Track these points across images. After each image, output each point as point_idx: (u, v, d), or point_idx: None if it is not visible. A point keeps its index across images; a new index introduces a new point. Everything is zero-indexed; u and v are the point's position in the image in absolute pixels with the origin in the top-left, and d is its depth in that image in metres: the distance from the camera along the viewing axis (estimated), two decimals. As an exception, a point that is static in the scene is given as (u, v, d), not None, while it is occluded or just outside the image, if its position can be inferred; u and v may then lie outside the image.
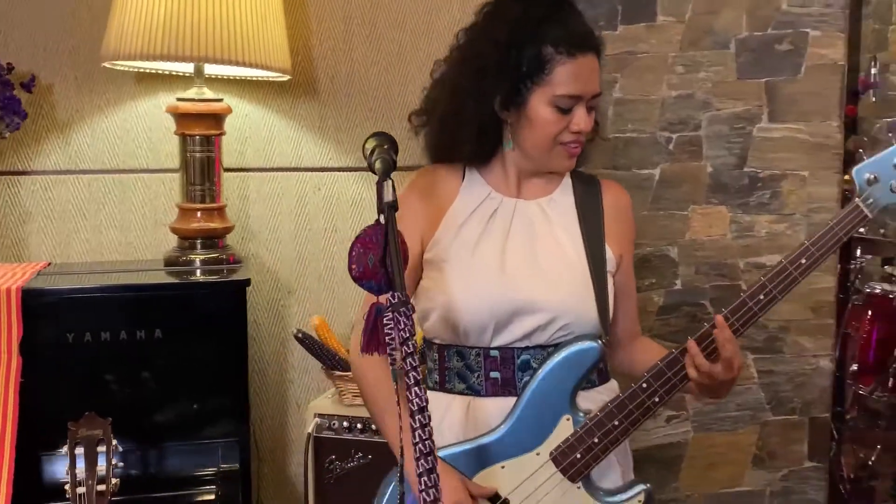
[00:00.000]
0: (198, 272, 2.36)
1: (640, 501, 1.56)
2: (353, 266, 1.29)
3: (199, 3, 2.15)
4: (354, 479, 2.20)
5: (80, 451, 1.84)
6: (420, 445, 1.11)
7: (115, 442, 1.85)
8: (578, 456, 1.52)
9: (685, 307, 3.05)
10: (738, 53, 3.01)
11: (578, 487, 1.53)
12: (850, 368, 3.87)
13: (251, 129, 2.65)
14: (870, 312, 3.96)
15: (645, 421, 1.56)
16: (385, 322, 1.18)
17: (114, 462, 1.84)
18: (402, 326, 1.16)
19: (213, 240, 2.40)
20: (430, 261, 1.63)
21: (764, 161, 3.06)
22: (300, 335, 2.34)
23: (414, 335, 1.17)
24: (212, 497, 2.11)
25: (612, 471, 1.64)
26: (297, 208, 2.73)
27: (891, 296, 3.87)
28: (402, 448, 1.24)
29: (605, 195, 1.71)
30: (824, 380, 3.21)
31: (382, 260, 1.27)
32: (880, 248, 4.16)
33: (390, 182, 1.27)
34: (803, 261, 1.52)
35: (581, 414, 1.55)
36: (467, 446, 1.56)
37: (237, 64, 2.22)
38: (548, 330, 1.57)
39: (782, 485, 3.22)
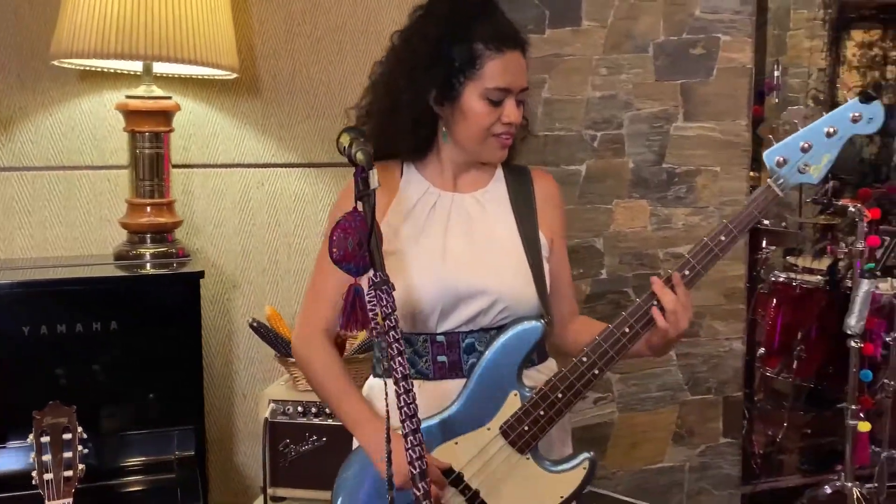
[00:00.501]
0: (148, 266, 2.40)
1: (584, 469, 1.66)
2: (335, 250, 1.38)
3: (151, 3, 2.20)
4: (310, 461, 2.28)
5: (45, 439, 1.89)
6: (405, 409, 1.22)
7: (80, 429, 1.91)
8: (526, 428, 1.61)
9: (610, 295, 3.24)
10: (656, 57, 3.21)
11: (527, 458, 1.63)
12: (758, 352, 4.14)
13: (195, 127, 2.70)
14: (774, 300, 4.25)
15: (586, 392, 1.68)
16: (368, 299, 1.27)
17: (80, 449, 1.89)
18: (385, 303, 1.27)
19: (162, 234, 2.45)
20: None
21: (680, 158, 3.28)
22: (255, 324, 2.41)
23: (395, 311, 1.28)
24: (170, 484, 2.16)
25: (556, 443, 1.76)
26: (240, 204, 2.79)
27: (794, 283, 4.17)
28: (388, 413, 1.32)
29: (535, 184, 1.81)
30: (737, 361, 3.45)
31: (360, 244, 1.37)
32: (783, 238, 4.46)
33: (374, 171, 1.34)
34: (723, 238, 1.61)
35: (527, 389, 1.65)
36: (422, 425, 1.67)
37: (189, 62, 2.27)
38: (490, 313, 1.66)
39: (700, 460, 3.45)
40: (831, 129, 1.59)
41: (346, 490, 1.65)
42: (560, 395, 1.60)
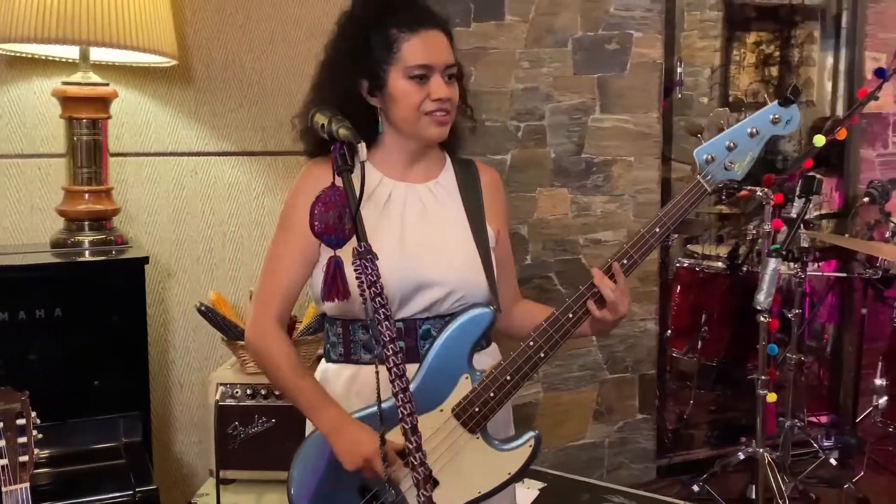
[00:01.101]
0: (87, 253, 2.38)
1: (530, 446, 1.72)
2: (316, 223, 1.43)
3: (90, -12, 2.19)
4: (259, 443, 2.32)
5: (-1, 424, 1.87)
6: (395, 369, 1.29)
7: (33, 414, 1.89)
8: (477, 409, 1.68)
9: (535, 280, 3.38)
10: (575, 51, 3.37)
11: (477, 438, 1.69)
12: (665, 334, 4.36)
13: (128, 115, 2.68)
14: (679, 285, 4.50)
15: (533, 375, 1.75)
16: (354, 268, 1.34)
17: (34, 434, 1.88)
18: (370, 271, 1.34)
19: (100, 222, 2.43)
20: None
21: (598, 148, 3.44)
22: (203, 308, 2.42)
23: (380, 278, 1.34)
24: (120, 469, 2.15)
25: (501, 424, 1.84)
26: (174, 192, 2.79)
27: (697, 269, 4.42)
28: (378, 387, 1.38)
29: (481, 177, 1.87)
30: (651, 341, 3.64)
31: (340, 217, 1.43)
32: (687, 227, 4.69)
33: (363, 144, 1.39)
34: (657, 230, 1.70)
35: (478, 373, 1.72)
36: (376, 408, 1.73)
37: (131, 48, 2.27)
38: (446, 302, 1.73)
39: (618, 436, 3.63)
40: (754, 130, 1.70)
41: (302, 476, 1.69)
42: (509, 378, 1.68)
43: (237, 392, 2.32)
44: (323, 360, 1.85)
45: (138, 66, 2.60)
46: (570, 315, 1.68)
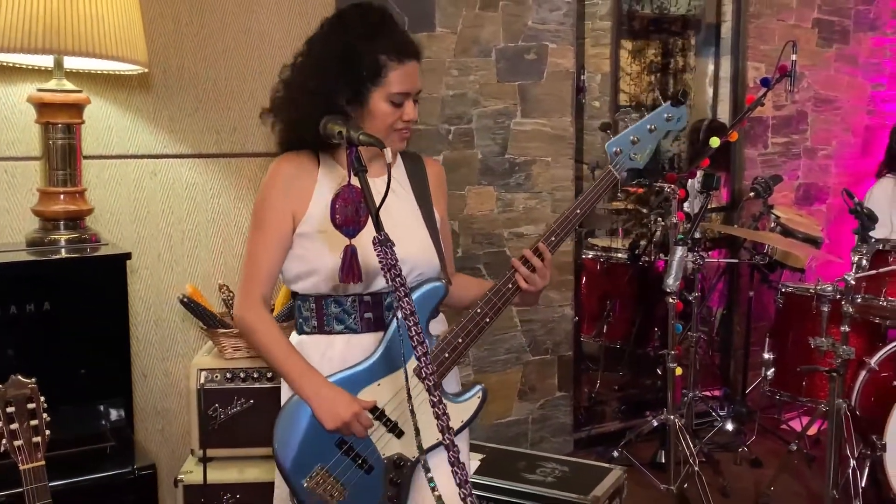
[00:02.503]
0: (63, 251, 2.50)
1: (479, 397, 2.03)
2: (337, 216, 1.67)
3: (65, 1, 2.33)
4: (238, 422, 2.51)
5: (11, 409, 2.01)
6: (416, 337, 1.54)
7: (42, 399, 2.04)
8: (434, 368, 1.94)
9: (465, 271, 3.65)
10: (498, 60, 3.67)
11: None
12: (574, 320, 4.72)
13: (90, 120, 2.79)
14: (585, 276, 4.87)
15: (480, 337, 2.00)
16: (377, 253, 1.58)
17: (44, 417, 2.03)
18: (390, 256, 1.58)
19: (75, 221, 2.56)
20: (305, 233, 1.95)
21: (519, 149, 3.76)
22: (185, 300, 2.58)
23: (398, 262, 1.59)
24: (112, 450, 2.31)
25: (452, 381, 2.11)
26: (135, 193, 2.93)
27: (600, 259, 4.80)
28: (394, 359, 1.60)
29: (428, 170, 2.14)
30: (567, 325, 3.99)
31: (356, 211, 1.67)
32: (588, 221, 5.08)
33: (388, 149, 1.62)
34: (578, 211, 2.00)
35: (434, 337, 1.99)
36: (350, 372, 1.95)
37: (106, 58, 2.42)
38: (408, 277, 1.96)
39: (540, 412, 3.96)
40: (652, 127, 2.04)
41: (285, 435, 1.90)
42: (461, 341, 1.96)
43: (217, 376, 2.50)
44: (294, 333, 2.06)
45: (104, 73, 2.73)
46: (510, 285, 1.97)
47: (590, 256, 4.89)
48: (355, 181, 1.68)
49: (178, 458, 2.87)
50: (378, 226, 1.62)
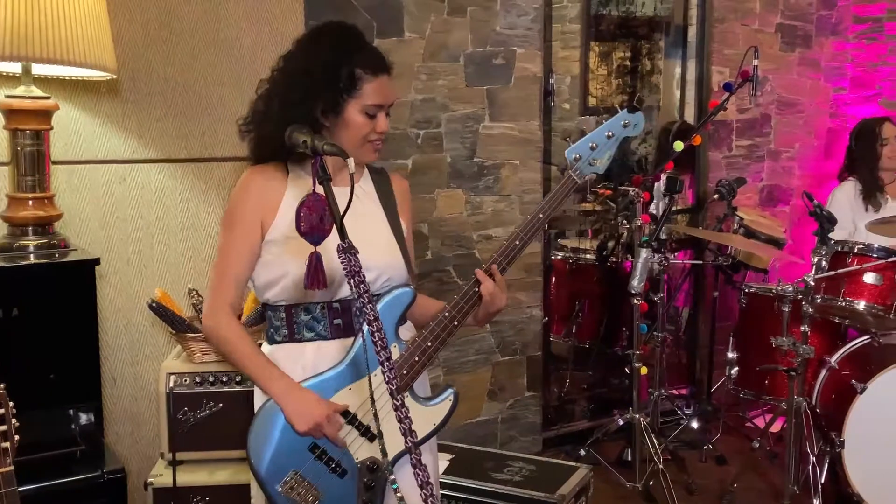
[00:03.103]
0: (31, 257, 2.51)
1: (450, 401, 2.06)
2: (303, 224, 1.71)
3: (33, 7, 2.35)
4: (207, 426, 2.54)
5: (-20, 415, 2.02)
6: (379, 342, 1.58)
7: (11, 403, 2.05)
8: (405, 372, 1.98)
9: (435, 273, 3.71)
10: (466, 65, 3.72)
11: (406, 396, 2.00)
12: (544, 320, 4.78)
13: (59, 125, 2.79)
14: (554, 277, 4.93)
15: (448, 340, 2.04)
16: (340, 260, 1.62)
17: (14, 422, 2.04)
18: (354, 263, 1.62)
19: (44, 227, 2.57)
20: (274, 240, 1.98)
21: (488, 153, 3.81)
22: (154, 304, 2.60)
23: (361, 269, 1.63)
24: (81, 454, 2.33)
25: (422, 384, 2.15)
26: (104, 198, 2.94)
27: (569, 260, 4.86)
28: (366, 363, 1.65)
29: (393, 183, 2.20)
30: (536, 326, 4.05)
31: (321, 219, 1.71)
32: (558, 223, 5.14)
33: (351, 159, 1.67)
34: (541, 215, 2.06)
35: (404, 342, 2.03)
36: (321, 377, 1.98)
37: (74, 65, 2.44)
38: (376, 283, 2.02)
39: (510, 412, 4.02)
40: (610, 133, 2.09)
41: (258, 442, 1.93)
42: (430, 344, 2.00)
43: (186, 380, 2.53)
44: (265, 343, 2.09)
45: (72, 79, 2.75)
46: (476, 289, 2.02)
47: (559, 257, 4.95)
48: (320, 189, 1.72)
49: (149, 461, 2.89)
50: (342, 233, 1.66)
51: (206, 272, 3.03)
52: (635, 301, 3.51)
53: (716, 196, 4.16)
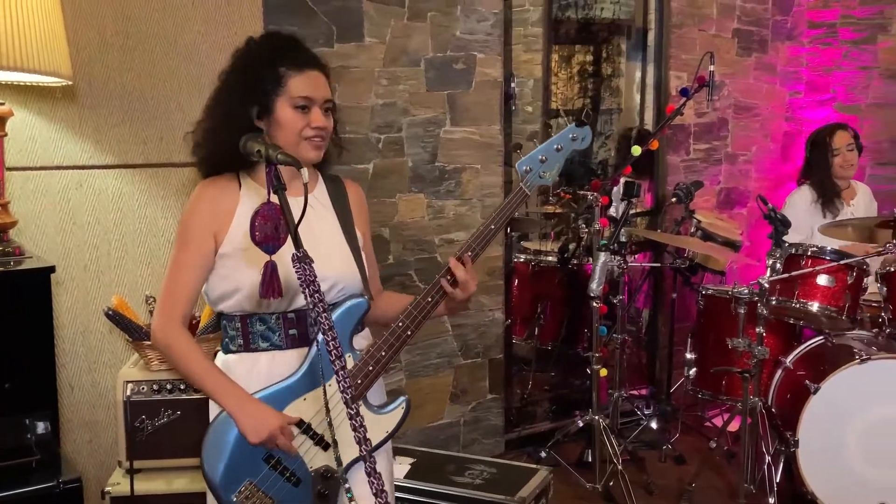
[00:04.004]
0: (-10, 263, 2.49)
1: (402, 408, 2.08)
2: (257, 233, 1.72)
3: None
4: (165, 434, 2.52)
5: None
6: (334, 351, 1.60)
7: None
8: (360, 381, 2.00)
9: (397, 277, 3.72)
10: (427, 70, 3.74)
11: (360, 405, 2.02)
12: (507, 323, 4.81)
13: (13, 131, 2.77)
14: (517, 279, 4.97)
15: (402, 349, 2.08)
16: (295, 269, 1.63)
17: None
18: (308, 272, 1.63)
19: (-1, 234, 2.55)
20: (228, 254, 1.99)
21: (449, 157, 3.84)
22: (110, 312, 2.59)
23: (316, 278, 1.64)
24: (36, 464, 2.31)
25: (377, 392, 2.17)
26: (60, 204, 2.91)
27: (531, 263, 4.90)
28: (321, 371, 1.66)
29: (348, 191, 2.22)
30: (498, 329, 4.08)
31: (276, 228, 1.72)
32: (522, 225, 5.19)
33: (304, 169, 1.68)
34: (492, 227, 2.09)
35: (358, 352, 2.05)
36: (275, 388, 1.99)
37: (29, 71, 2.42)
38: (330, 293, 2.04)
39: (472, 415, 4.04)
40: (559, 146, 2.13)
41: (212, 453, 1.94)
42: (384, 353, 2.02)
43: (143, 388, 2.52)
44: (220, 353, 2.10)
45: (27, 84, 2.72)
46: (430, 298, 2.04)
47: (522, 260, 4.99)
48: (274, 199, 1.73)
49: (107, 469, 2.87)
50: (297, 242, 1.67)
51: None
52: (594, 304, 3.55)
53: (674, 199, 4.21)
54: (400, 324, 2.02)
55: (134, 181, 3.05)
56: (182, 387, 2.55)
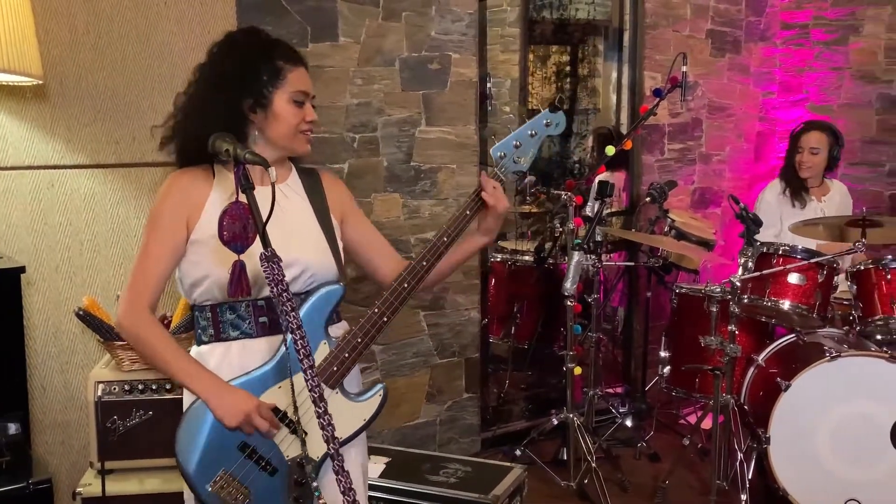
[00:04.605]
0: (-46, 265, 2.48)
1: (380, 395, 2.09)
2: (225, 233, 1.72)
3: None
4: (137, 434, 2.52)
5: None
6: (302, 350, 1.60)
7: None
8: (335, 368, 2.00)
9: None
10: (402, 70, 3.74)
11: (336, 392, 2.03)
12: (483, 322, 4.82)
13: (-17, 130, 2.78)
14: (493, 278, 4.98)
15: (378, 336, 2.07)
16: (263, 268, 1.63)
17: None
18: (277, 271, 1.64)
19: (-34, 234, 2.54)
20: (199, 241, 1.99)
21: (424, 157, 3.84)
22: (81, 312, 2.57)
23: (284, 276, 1.65)
24: (2, 465, 2.30)
25: (353, 380, 2.16)
26: (31, 204, 2.89)
27: (508, 262, 4.92)
28: (289, 365, 1.66)
29: (323, 180, 2.22)
30: (474, 328, 4.09)
31: (244, 227, 1.72)
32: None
33: (272, 168, 1.68)
34: (468, 212, 2.12)
35: (334, 339, 2.05)
36: (248, 376, 1.99)
37: (6, 71, 2.41)
38: (300, 280, 2.03)
39: (448, 414, 4.05)
40: (532, 132, 2.15)
41: (187, 442, 1.94)
42: (360, 340, 2.03)
43: (115, 388, 2.51)
44: (194, 346, 2.09)
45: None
46: (405, 285, 2.05)
47: (498, 259, 5.00)
48: (243, 198, 1.73)
49: (80, 470, 2.85)
50: (265, 242, 1.67)
51: (138, 278, 3.00)
52: (569, 302, 3.57)
53: (648, 199, 4.24)
54: (376, 310, 2.02)
55: (106, 181, 3.03)
56: (154, 387, 2.55)
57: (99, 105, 3.00)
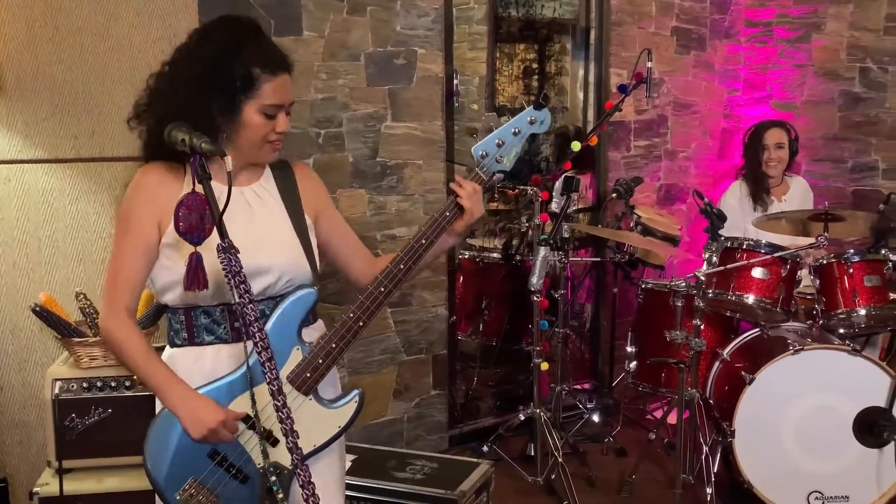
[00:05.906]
0: None
1: (356, 402, 2.05)
2: (181, 224, 1.69)
3: None
4: (96, 432, 2.47)
5: None
6: (261, 343, 1.58)
7: None
8: (308, 375, 1.96)
9: (338, 274, 3.67)
10: (367, 65, 3.72)
11: (310, 399, 1.99)
12: (451, 319, 4.81)
13: (-63, 124, 2.72)
14: (462, 275, 4.97)
15: (354, 341, 2.03)
16: (220, 260, 1.60)
17: None
18: (234, 263, 1.61)
19: (-80, 230, 2.48)
20: (170, 244, 1.92)
21: (391, 153, 3.82)
22: (38, 309, 2.52)
23: (242, 268, 1.62)
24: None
25: (329, 386, 2.13)
26: (-13, 200, 2.85)
27: (476, 259, 4.91)
28: (249, 366, 1.64)
29: (296, 174, 2.14)
30: (442, 325, 4.08)
31: (201, 218, 1.69)
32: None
33: (229, 157, 1.65)
34: (448, 213, 2.06)
35: (307, 344, 2.00)
36: (220, 382, 1.94)
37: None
38: (277, 285, 1.99)
39: (416, 411, 4.04)
40: (516, 130, 2.08)
41: (156, 450, 1.90)
42: (335, 346, 1.98)
43: (73, 386, 2.46)
44: (167, 347, 2.04)
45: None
46: (382, 289, 2.00)
47: (466, 256, 4.99)
48: (200, 188, 1.70)
49: (38, 470, 2.80)
50: (222, 233, 1.65)
51: (97, 274, 2.95)
52: (535, 298, 3.56)
53: (614, 195, 4.26)
54: (351, 315, 1.97)
55: (65, 176, 2.98)
56: (113, 384, 2.50)
57: (57, 99, 2.95)
